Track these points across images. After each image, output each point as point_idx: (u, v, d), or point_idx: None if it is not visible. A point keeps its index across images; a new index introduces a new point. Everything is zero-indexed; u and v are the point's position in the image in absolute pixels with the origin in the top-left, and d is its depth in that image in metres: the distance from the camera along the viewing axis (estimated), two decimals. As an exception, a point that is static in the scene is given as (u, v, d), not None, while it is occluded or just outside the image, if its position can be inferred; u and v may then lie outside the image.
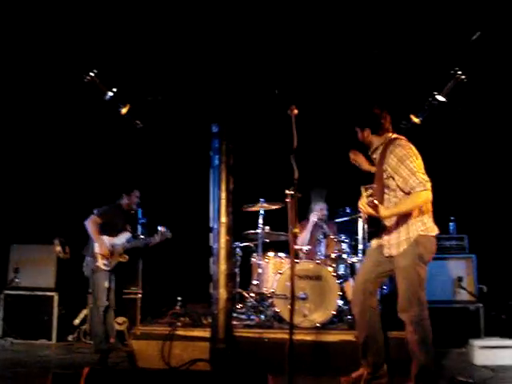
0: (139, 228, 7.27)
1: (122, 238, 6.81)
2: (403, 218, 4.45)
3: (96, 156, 7.91)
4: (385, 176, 4.49)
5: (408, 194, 4.36)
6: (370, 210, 4.39)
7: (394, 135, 4.63)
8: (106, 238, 6.67)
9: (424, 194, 4.29)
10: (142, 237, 7.12)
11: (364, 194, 4.41)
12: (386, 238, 4.59)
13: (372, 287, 4.69)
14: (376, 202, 4.33)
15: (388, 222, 4.57)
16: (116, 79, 6.10)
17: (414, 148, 4.51)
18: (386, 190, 4.52)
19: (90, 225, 6.61)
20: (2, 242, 7.52)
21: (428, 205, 4.47)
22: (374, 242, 4.74)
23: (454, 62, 5.86)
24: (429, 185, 4.30)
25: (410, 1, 5.70)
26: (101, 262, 6.57)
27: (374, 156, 4.69)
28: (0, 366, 5.69)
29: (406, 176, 4.33)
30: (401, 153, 4.41)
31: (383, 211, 4.40)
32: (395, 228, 4.50)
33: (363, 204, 4.42)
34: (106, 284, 6.61)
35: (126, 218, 6.97)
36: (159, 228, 6.86)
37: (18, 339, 7.07)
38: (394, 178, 4.43)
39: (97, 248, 6.58)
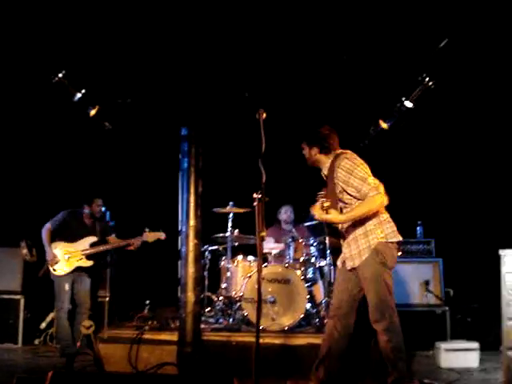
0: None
1: (84, 243, 6.74)
2: (361, 227, 4.45)
3: (63, 158, 7.83)
4: (337, 191, 4.52)
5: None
6: (325, 216, 4.44)
7: (339, 150, 4.66)
8: (61, 244, 6.66)
9: (378, 198, 4.33)
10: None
11: (320, 201, 4.47)
12: (346, 250, 4.57)
13: (347, 307, 4.58)
14: (328, 204, 4.38)
15: (347, 234, 4.56)
16: (85, 81, 6.05)
17: (358, 158, 4.57)
18: (341, 204, 4.55)
19: (43, 232, 6.68)
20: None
21: (382, 210, 4.47)
22: (339, 261, 4.69)
23: (422, 69, 5.94)
24: (381, 188, 4.37)
25: (378, 7, 5.74)
26: (51, 268, 6.59)
27: (325, 173, 4.70)
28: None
29: (357, 185, 4.38)
30: (347, 165, 4.46)
31: (338, 216, 4.45)
32: (354, 239, 4.50)
33: (317, 211, 4.47)
34: (67, 287, 6.59)
35: (89, 224, 6.88)
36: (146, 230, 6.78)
37: (-16, 343, 6.98)
38: (346, 192, 4.46)
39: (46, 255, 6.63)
